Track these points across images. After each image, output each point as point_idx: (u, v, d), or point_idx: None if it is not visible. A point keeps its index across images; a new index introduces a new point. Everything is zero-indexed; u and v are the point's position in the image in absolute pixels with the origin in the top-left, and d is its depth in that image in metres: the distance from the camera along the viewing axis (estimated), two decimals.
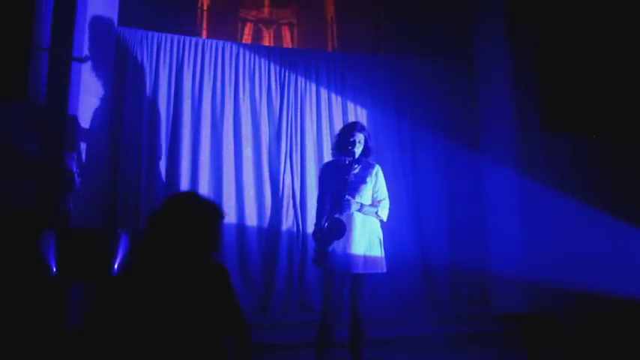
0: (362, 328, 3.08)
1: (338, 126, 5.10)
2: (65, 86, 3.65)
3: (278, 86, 5.05)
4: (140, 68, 4.69)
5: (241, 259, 4.66)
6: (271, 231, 4.78)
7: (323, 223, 3.07)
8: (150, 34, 4.78)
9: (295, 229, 4.82)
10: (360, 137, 3.14)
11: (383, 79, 5.30)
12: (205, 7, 5.32)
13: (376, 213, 3.15)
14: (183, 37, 4.87)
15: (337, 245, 3.01)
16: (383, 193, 3.21)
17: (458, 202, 5.21)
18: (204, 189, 4.62)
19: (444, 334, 4.18)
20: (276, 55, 5.12)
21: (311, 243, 4.82)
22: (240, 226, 4.72)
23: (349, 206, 3.04)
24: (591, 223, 4.59)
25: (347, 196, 3.04)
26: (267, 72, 5.04)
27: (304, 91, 5.10)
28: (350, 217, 3.06)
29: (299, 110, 5.04)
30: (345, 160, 3.13)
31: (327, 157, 5.03)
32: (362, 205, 3.10)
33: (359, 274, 3.06)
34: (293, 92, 5.06)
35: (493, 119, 5.14)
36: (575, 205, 4.59)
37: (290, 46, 5.40)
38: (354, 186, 3.11)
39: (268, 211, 4.82)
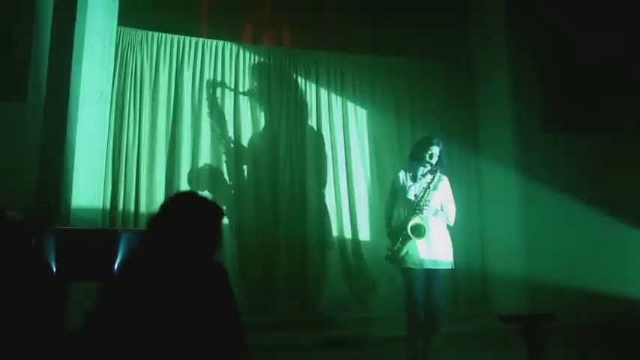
0: (437, 316, 3.46)
1: (338, 126, 5.12)
2: (65, 86, 3.66)
3: (278, 86, 5.05)
4: (140, 68, 4.69)
5: (241, 259, 4.66)
6: (271, 231, 4.78)
7: (405, 224, 3.45)
8: (150, 34, 4.78)
9: (295, 228, 4.81)
10: (436, 150, 3.55)
11: (383, 80, 5.30)
12: (205, 7, 5.30)
13: (446, 217, 3.60)
14: (183, 37, 4.87)
15: (415, 244, 3.41)
16: (451, 200, 3.66)
17: (458, 202, 5.18)
18: (204, 188, 4.62)
19: (444, 334, 4.18)
20: (276, 55, 5.12)
21: (311, 242, 4.85)
22: (240, 225, 4.71)
23: (427, 211, 3.46)
24: (591, 223, 4.60)
25: (427, 202, 3.46)
26: (267, 72, 5.04)
27: (304, 91, 5.11)
28: (426, 220, 3.47)
29: (299, 110, 5.04)
30: (422, 170, 3.55)
31: (328, 157, 5.04)
32: (437, 210, 3.55)
33: (434, 270, 3.46)
34: (293, 92, 5.06)
35: (493, 120, 5.14)
36: (575, 205, 4.60)
37: (290, 46, 5.39)
38: (430, 193, 3.51)
39: (268, 211, 4.81)
